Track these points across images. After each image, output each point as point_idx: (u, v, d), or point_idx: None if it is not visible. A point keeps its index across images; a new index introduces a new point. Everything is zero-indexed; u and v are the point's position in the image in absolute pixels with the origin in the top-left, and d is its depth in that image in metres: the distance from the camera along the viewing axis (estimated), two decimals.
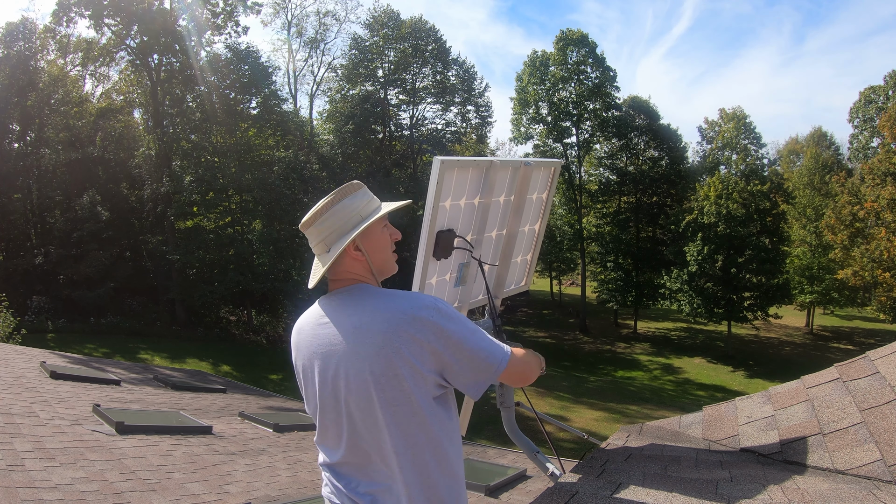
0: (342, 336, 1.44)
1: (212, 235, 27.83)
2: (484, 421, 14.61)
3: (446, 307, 1.45)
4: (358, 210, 1.57)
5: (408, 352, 1.38)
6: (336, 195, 1.57)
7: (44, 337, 21.47)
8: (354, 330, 1.42)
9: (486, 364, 1.45)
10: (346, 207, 1.56)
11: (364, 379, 1.40)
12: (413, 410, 1.40)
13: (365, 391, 1.41)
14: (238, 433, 5.32)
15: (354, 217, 1.56)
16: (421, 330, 1.38)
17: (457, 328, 1.42)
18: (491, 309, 2.41)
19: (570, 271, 45.09)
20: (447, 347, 1.41)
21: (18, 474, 2.90)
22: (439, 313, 1.41)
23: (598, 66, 34.21)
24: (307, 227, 1.58)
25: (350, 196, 1.58)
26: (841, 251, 28.83)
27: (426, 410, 1.41)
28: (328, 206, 1.56)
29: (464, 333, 1.43)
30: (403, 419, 1.40)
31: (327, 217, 1.55)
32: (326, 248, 1.55)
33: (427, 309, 1.41)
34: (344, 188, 1.58)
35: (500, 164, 2.29)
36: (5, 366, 6.18)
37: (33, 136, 28.36)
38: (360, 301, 1.47)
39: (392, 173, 31.92)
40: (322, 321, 1.51)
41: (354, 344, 1.42)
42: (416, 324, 1.38)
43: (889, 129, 26.77)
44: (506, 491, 4.44)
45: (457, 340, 1.41)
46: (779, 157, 48.86)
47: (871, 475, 1.87)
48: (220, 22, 28.47)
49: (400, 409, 1.40)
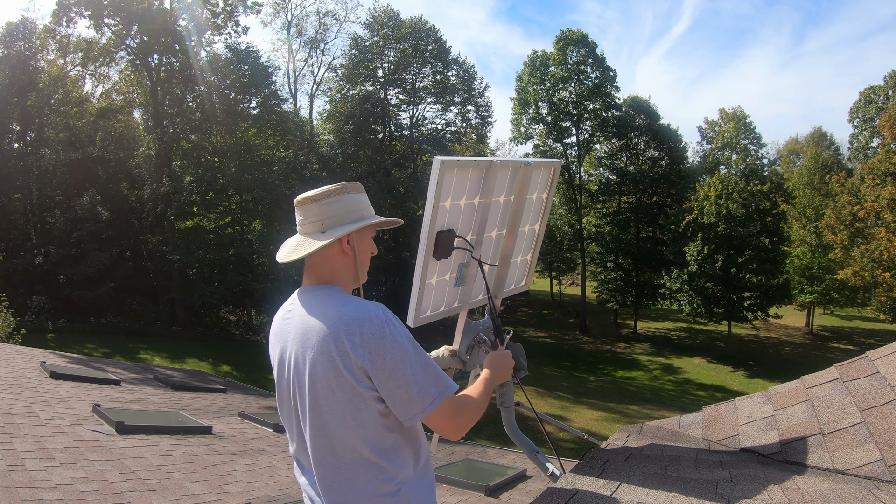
0: (295, 334, 1.48)
1: (212, 235, 27.83)
2: (484, 421, 14.54)
3: (394, 331, 1.40)
4: (362, 208, 1.61)
5: (341, 363, 1.37)
6: (345, 187, 1.60)
7: (44, 337, 21.48)
8: (303, 331, 1.45)
9: (413, 399, 1.40)
10: (353, 200, 1.59)
11: (303, 380, 1.43)
12: (339, 417, 1.40)
13: (303, 390, 1.44)
14: (238, 433, 5.32)
15: (356, 213, 1.59)
16: (356, 345, 1.37)
17: (394, 354, 1.38)
18: (491, 309, 2.41)
19: (570, 271, 45.09)
20: (376, 370, 1.38)
21: (18, 474, 2.90)
22: (382, 332, 1.38)
23: (598, 66, 34.22)
24: (308, 203, 1.57)
25: (357, 193, 1.62)
26: (841, 251, 28.83)
27: (355, 420, 1.40)
28: (338, 192, 1.58)
29: (400, 361, 1.39)
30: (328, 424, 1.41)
31: (335, 201, 1.57)
32: (322, 228, 1.55)
33: (370, 325, 1.38)
34: (352, 184, 1.61)
35: (500, 164, 2.29)
36: (5, 366, 6.18)
37: (33, 136, 28.36)
38: (319, 303, 1.48)
39: (392, 173, 31.91)
40: (287, 316, 1.55)
41: (302, 344, 1.44)
42: (353, 338, 1.37)
43: (889, 129, 26.77)
44: (506, 491, 4.45)
45: (390, 366, 1.38)
46: (779, 157, 48.87)
47: (871, 475, 1.87)
48: (220, 22, 28.47)
49: (327, 414, 1.40)
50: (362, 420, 1.40)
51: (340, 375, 1.38)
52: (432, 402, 1.41)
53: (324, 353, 1.39)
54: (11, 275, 25.19)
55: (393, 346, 1.39)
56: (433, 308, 2.38)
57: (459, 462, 5.36)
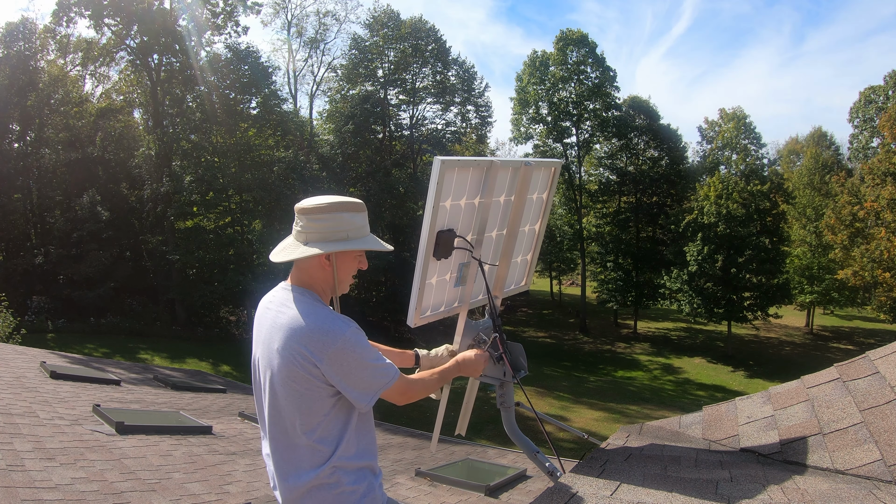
0: (269, 326, 1.68)
1: (212, 235, 27.81)
2: (484, 421, 14.62)
3: (351, 343, 1.60)
4: (351, 227, 1.72)
5: (302, 361, 1.58)
6: (339, 205, 1.71)
7: (44, 337, 21.47)
8: (274, 326, 1.65)
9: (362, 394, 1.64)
10: (343, 220, 1.71)
11: (267, 367, 1.66)
12: (293, 405, 1.61)
13: (266, 375, 1.66)
14: (238, 433, 5.32)
15: (342, 233, 1.71)
16: (314, 351, 1.58)
17: (349, 361, 1.60)
18: (491, 309, 2.41)
19: (570, 271, 45.10)
20: (331, 374, 1.59)
21: (18, 474, 2.90)
22: (341, 344, 1.58)
23: (598, 66, 34.22)
24: (301, 213, 1.72)
25: (352, 212, 1.73)
26: (841, 251, 28.83)
27: (305, 408, 1.61)
28: (330, 209, 1.70)
29: (353, 366, 1.61)
30: (282, 409, 1.62)
31: (323, 219, 1.70)
32: (305, 240, 1.71)
33: (332, 336, 1.58)
34: (352, 202, 1.74)
35: (501, 164, 2.29)
36: (5, 366, 6.19)
37: (33, 136, 28.36)
38: (294, 305, 1.66)
39: (392, 173, 31.89)
40: (268, 306, 1.74)
41: (271, 336, 1.65)
42: (314, 345, 1.58)
43: (889, 129, 26.77)
44: (506, 491, 4.45)
45: (344, 370, 1.60)
46: (779, 157, 48.88)
47: (871, 475, 1.87)
48: (220, 22, 28.46)
49: (282, 400, 1.62)
50: (312, 409, 1.61)
51: (298, 371, 1.59)
52: (377, 391, 1.66)
53: (287, 350, 1.60)
54: (11, 275, 25.18)
55: (349, 355, 1.60)
56: (433, 308, 2.38)
57: (459, 462, 5.36)
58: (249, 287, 25.80)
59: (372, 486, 1.71)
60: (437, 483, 4.52)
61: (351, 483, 1.65)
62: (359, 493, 1.66)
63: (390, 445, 6.00)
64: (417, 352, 2.32)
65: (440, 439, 3.60)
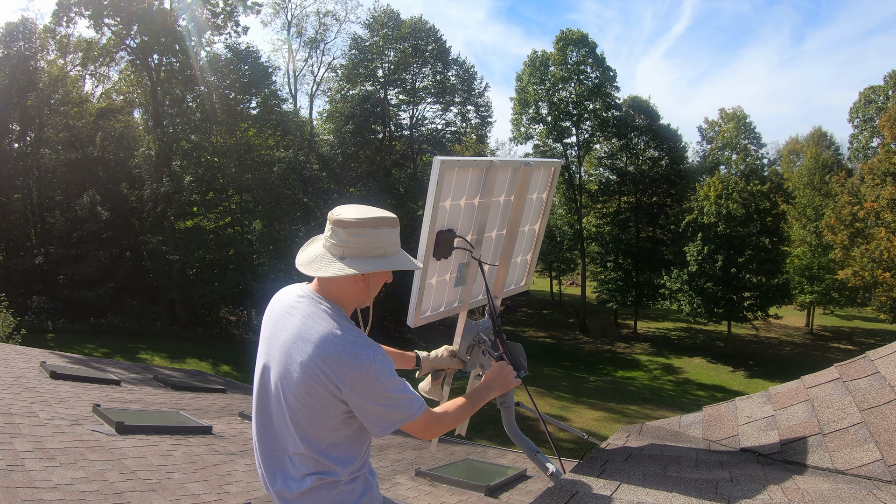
0: (293, 332, 1.60)
1: (212, 235, 27.81)
2: (484, 421, 14.61)
3: (376, 370, 1.54)
4: (387, 245, 1.66)
5: (324, 378, 1.53)
6: (381, 221, 1.64)
7: (44, 337, 21.47)
8: (300, 336, 1.58)
9: (380, 421, 1.58)
10: (381, 237, 1.64)
11: (284, 373, 1.59)
12: (304, 416, 1.57)
13: (281, 380, 1.60)
14: (238, 433, 5.32)
15: (380, 250, 1.64)
16: (339, 374, 1.52)
17: (372, 388, 1.54)
18: (491, 309, 2.41)
19: (570, 271, 45.09)
20: (352, 397, 1.55)
21: (18, 474, 2.90)
22: (366, 370, 1.52)
23: (598, 66, 34.22)
24: (338, 225, 1.62)
25: (387, 228, 1.66)
26: (841, 251, 28.83)
27: (314, 423, 1.57)
28: (371, 225, 1.62)
29: (377, 393, 1.55)
30: (304, 423, 1.57)
31: (364, 234, 1.61)
32: (342, 255, 1.62)
33: (358, 361, 1.52)
34: (389, 218, 1.67)
35: (500, 164, 2.29)
36: (5, 366, 6.19)
37: (33, 136, 28.35)
38: (324, 320, 1.59)
39: (392, 173, 31.90)
40: (291, 312, 1.65)
41: (295, 345, 1.58)
42: (340, 367, 1.52)
43: (889, 129, 26.77)
44: (506, 491, 4.45)
45: (366, 396, 1.54)
46: (779, 157, 48.88)
47: (871, 475, 1.87)
48: (220, 22, 28.46)
49: (294, 409, 1.57)
50: (323, 423, 1.58)
51: (318, 388, 1.54)
52: (396, 423, 1.59)
53: (311, 367, 1.54)
54: (11, 275, 25.18)
55: (374, 384, 1.54)
56: (433, 308, 2.38)
57: (459, 462, 5.36)
58: (249, 287, 25.81)
59: (369, 484, 1.70)
60: (437, 483, 4.52)
61: (349, 482, 1.64)
62: (357, 491, 1.65)
63: (390, 445, 6.00)
64: (418, 353, 2.31)
65: (440, 439, 3.60)
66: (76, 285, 25.71)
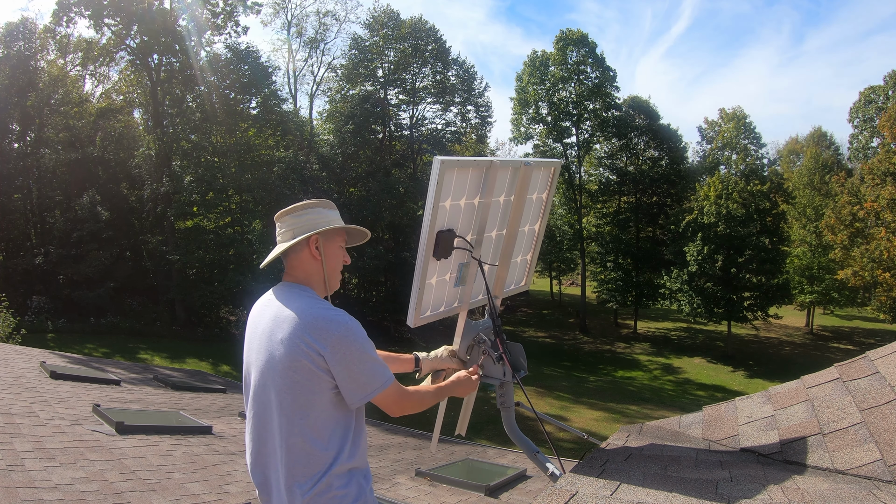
0: (269, 320, 1.71)
1: (212, 235, 27.80)
2: (484, 421, 14.61)
3: (353, 332, 1.64)
4: (331, 220, 1.85)
5: (306, 348, 1.60)
6: (315, 203, 1.85)
7: (44, 337, 21.47)
8: (277, 319, 1.68)
9: (360, 387, 1.66)
10: (320, 214, 1.84)
11: (268, 366, 1.66)
12: (300, 399, 1.61)
13: (266, 375, 1.66)
14: (238, 433, 5.32)
15: (323, 223, 1.83)
16: (320, 339, 1.61)
17: (352, 350, 1.63)
18: (491, 309, 2.41)
19: (570, 271, 45.08)
20: (334, 362, 1.61)
21: (18, 474, 2.90)
22: (344, 332, 1.62)
23: (598, 66, 34.22)
24: (284, 215, 1.83)
25: (328, 208, 1.87)
26: (841, 251, 28.83)
27: (304, 401, 1.62)
28: (308, 206, 1.84)
29: (356, 357, 1.64)
30: (291, 404, 1.62)
31: (305, 213, 1.82)
32: (293, 235, 1.80)
33: (336, 325, 1.63)
34: (323, 200, 1.87)
35: (500, 164, 2.29)
36: (5, 366, 6.19)
37: (33, 136, 28.35)
38: (295, 298, 1.72)
39: (392, 173, 31.88)
40: (267, 304, 1.78)
41: (273, 329, 1.68)
42: (320, 332, 1.61)
43: (889, 129, 26.77)
44: (506, 491, 4.45)
45: (346, 360, 1.62)
46: (779, 157, 48.89)
47: (871, 475, 1.87)
48: (220, 22, 28.45)
49: (282, 393, 1.63)
50: (312, 402, 1.62)
51: (302, 360, 1.61)
52: (374, 390, 1.68)
53: (291, 340, 1.62)
54: (11, 275, 25.18)
55: (352, 345, 1.64)
56: (433, 308, 2.38)
57: (459, 462, 5.36)
58: (249, 287, 25.77)
59: (363, 489, 1.70)
60: (437, 483, 4.52)
61: (342, 486, 1.64)
62: (350, 496, 1.65)
63: (390, 445, 6.00)
64: (417, 355, 2.31)
65: (440, 439, 3.59)
66: (76, 285, 25.70)
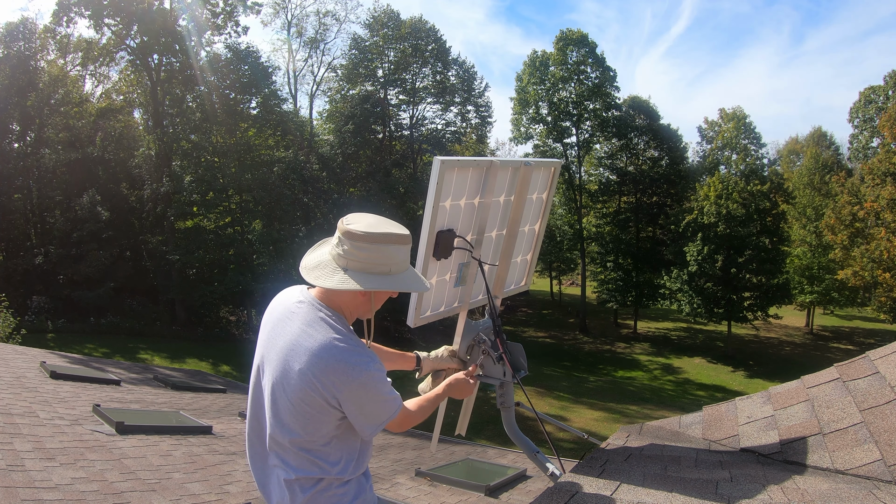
0: (291, 337, 1.58)
1: (212, 235, 27.81)
2: (484, 421, 14.61)
3: (369, 380, 1.55)
4: (394, 262, 1.61)
5: (318, 385, 1.52)
6: (390, 237, 1.59)
7: (44, 337, 21.46)
8: (298, 342, 1.56)
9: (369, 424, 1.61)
10: (388, 253, 1.59)
11: (280, 386, 1.57)
12: (308, 427, 1.56)
13: (276, 393, 1.59)
14: (238, 433, 5.32)
15: (385, 267, 1.60)
16: (334, 383, 1.52)
17: (363, 396, 1.56)
18: (491, 309, 2.41)
19: (570, 271, 45.10)
20: (344, 403, 1.55)
21: (18, 474, 2.90)
22: (360, 381, 1.53)
23: (598, 66, 34.22)
24: (346, 235, 1.58)
25: (398, 245, 1.61)
26: (841, 251, 28.83)
27: (306, 424, 1.56)
28: (379, 241, 1.57)
29: (367, 401, 1.57)
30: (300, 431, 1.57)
31: (371, 249, 1.57)
32: (344, 265, 1.59)
33: (354, 372, 1.53)
34: (400, 235, 1.61)
35: (500, 164, 2.29)
36: (5, 366, 6.18)
37: (33, 136, 28.34)
38: (322, 328, 1.57)
39: (392, 173, 31.88)
40: (290, 317, 1.63)
41: (293, 351, 1.56)
42: (335, 376, 1.52)
43: (889, 129, 26.77)
44: (506, 491, 4.44)
45: (357, 403, 1.56)
46: (779, 157, 48.90)
47: (871, 475, 1.87)
48: (220, 22, 28.44)
49: (283, 414, 1.57)
50: (319, 430, 1.58)
51: (314, 397, 1.54)
52: (384, 421, 1.64)
53: (308, 376, 1.53)
54: (11, 275, 25.16)
55: (369, 391, 1.56)
56: (433, 308, 2.38)
57: (459, 462, 5.36)
58: (249, 287, 25.80)
59: (363, 486, 1.69)
60: (437, 483, 4.52)
61: (342, 485, 1.63)
62: (350, 494, 1.64)
63: (390, 445, 5.99)
64: (418, 354, 2.31)
65: (440, 439, 3.60)
66: (76, 285, 25.69)
